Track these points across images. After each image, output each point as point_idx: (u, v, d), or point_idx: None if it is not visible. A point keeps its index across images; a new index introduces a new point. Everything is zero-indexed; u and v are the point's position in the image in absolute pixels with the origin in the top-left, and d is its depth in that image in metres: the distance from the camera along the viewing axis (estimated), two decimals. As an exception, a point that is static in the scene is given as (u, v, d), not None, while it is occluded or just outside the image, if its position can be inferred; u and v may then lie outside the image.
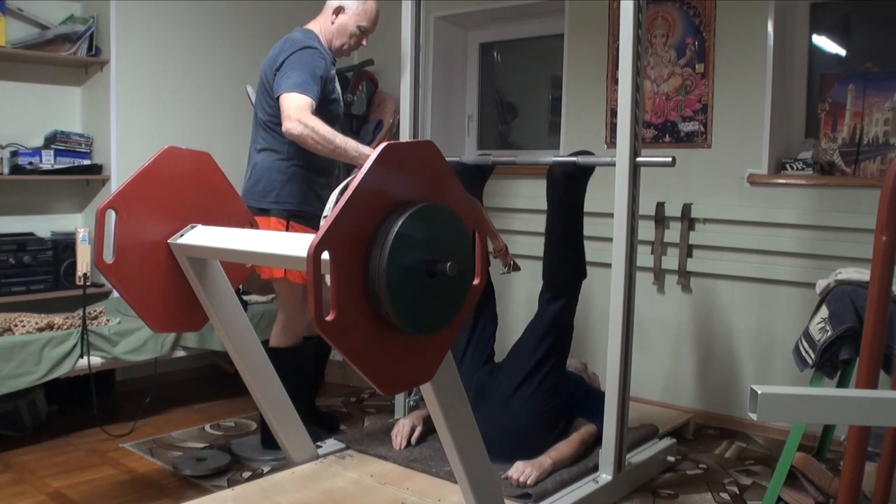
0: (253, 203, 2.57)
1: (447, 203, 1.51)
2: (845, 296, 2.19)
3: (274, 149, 2.61)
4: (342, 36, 2.67)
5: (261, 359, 2.22)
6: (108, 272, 1.86)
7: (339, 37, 2.67)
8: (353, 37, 2.68)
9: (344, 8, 2.65)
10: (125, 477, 2.63)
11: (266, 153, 2.63)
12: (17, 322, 2.83)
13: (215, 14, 3.86)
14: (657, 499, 2.50)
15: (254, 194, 2.61)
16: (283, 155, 2.60)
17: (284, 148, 2.58)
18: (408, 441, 2.60)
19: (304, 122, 2.36)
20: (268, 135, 2.62)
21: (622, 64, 2.27)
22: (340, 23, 2.65)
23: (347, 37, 2.67)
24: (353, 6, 2.65)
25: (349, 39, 2.68)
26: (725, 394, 3.27)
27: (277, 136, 2.55)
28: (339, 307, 1.32)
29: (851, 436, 1.41)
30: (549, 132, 4.06)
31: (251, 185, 2.64)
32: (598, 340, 3.54)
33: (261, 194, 2.60)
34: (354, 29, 2.66)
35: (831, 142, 3.09)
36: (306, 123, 2.36)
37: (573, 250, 2.62)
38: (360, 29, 2.67)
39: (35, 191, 3.49)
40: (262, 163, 2.63)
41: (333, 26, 2.66)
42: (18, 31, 3.33)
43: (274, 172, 2.60)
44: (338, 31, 2.66)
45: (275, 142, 2.60)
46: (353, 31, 2.66)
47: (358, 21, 2.65)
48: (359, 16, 2.65)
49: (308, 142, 2.38)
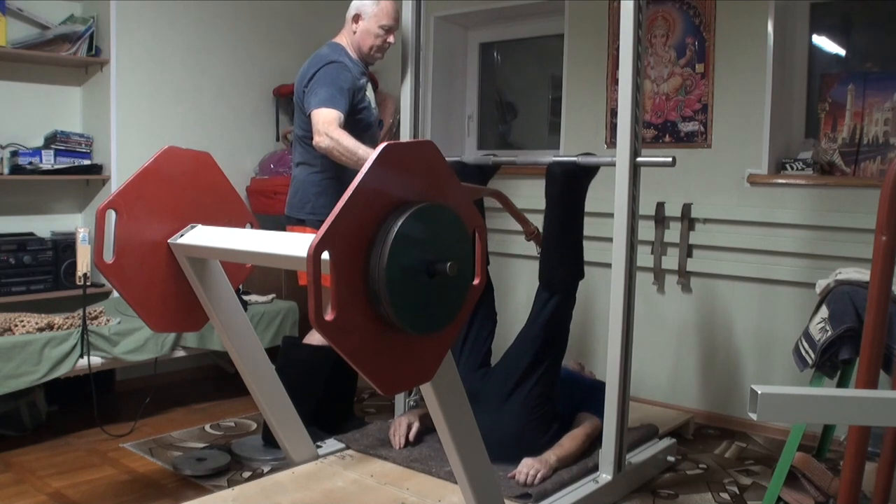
0: (292, 214, 2.75)
1: (447, 203, 1.51)
2: (845, 296, 2.19)
3: (308, 162, 2.72)
4: (368, 40, 2.70)
5: (261, 359, 2.22)
6: (108, 272, 1.86)
7: (365, 42, 2.70)
8: (379, 37, 2.70)
9: (361, 14, 2.69)
10: (125, 477, 2.63)
11: (302, 167, 2.75)
12: (17, 322, 2.83)
13: (215, 14, 3.86)
14: (657, 499, 2.50)
15: (293, 206, 2.76)
16: (317, 168, 2.70)
17: (318, 161, 2.67)
18: (406, 439, 2.61)
19: (330, 135, 2.46)
20: (303, 149, 2.73)
21: (622, 64, 2.27)
22: (362, 29, 2.69)
23: (373, 38, 2.70)
24: (369, 9, 2.68)
25: (375, 41, 2.70)
26: (725, 394, 3.27)
27: (311, 150, 2.64)
28: (339, 307, 1.32)
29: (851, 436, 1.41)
30: (549, 132, 4.06)
31: (290, 197, 2.78)
32: (598, 340, 3.54)
33: (298, 206, 2.74)
34: (377, 30, 2.69)
35: (831, 142, 3.09)
36: (332, 136, 2.46)
37: (570, 250, 2.60)
38: (383, 28, 2.69)
39: (35, 191, 3.49)
40: (299, 176, 2.76)
41: (357, 35, 2.70)
42: (18, 31, 3.33)
43: (308, 185, 2.72)
44: (362, 37, 2.70)
45: (309, 156, 2.70)
46: (376, 33, 2.69)
47: (378, 21, 2.68)
48: (377, 16, 2.68)
49: (334, 154, 2.48)
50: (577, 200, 2.63)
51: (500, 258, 3.76)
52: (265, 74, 4.08)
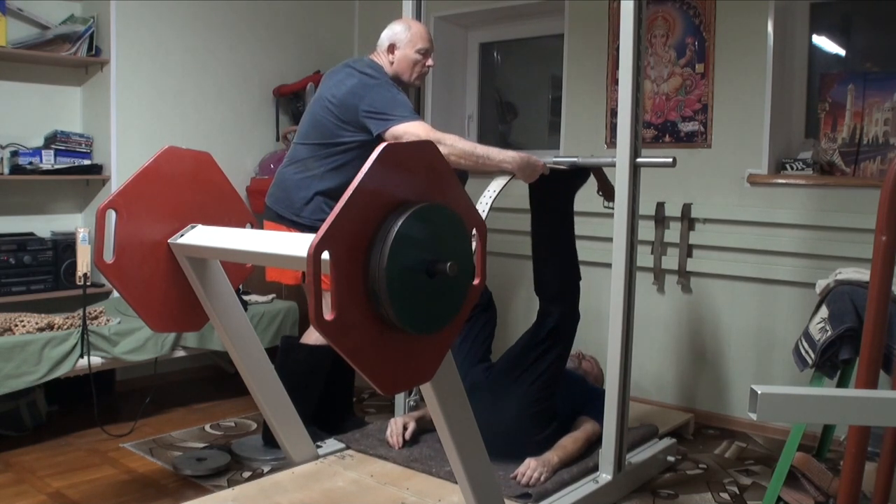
0: (284, 213, 2.64)
1: (447, 203, 1.51)
2: (845, 296, 2.19)
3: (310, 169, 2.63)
4: (408, 68, 2.62)
5: (261, 359, 2.22)
6: (108, 272, 1.86)
7: (405, 71, 2.63)
8: (418, 63, 2.63)
9: (396, 44, 2.61)
10: (125, 477, 2.63)
11: (299, 170, 2.64)
12: (17, 322, 2.83)
13: (215, 14, 3.86)
14: (657, 499, 2.50)
15: (280, 201, 2.66)
16: (314, 174, 2.61)
17: (320, 170, 2.60)
18: (403, 439, 2.61)
19: (443, 141, 2.38)
20: (312, 156, 2.61)
21: (622, 64, 2.27)
22: (400, 58, 2.61)
23: (412, 65, 2.62)
24: (403, 36, 2.61)
25: (416, 68, 2.63)
26: (725, 394, 3.28)
27: (322, 160, 2.57)
28: (339, 307, 1.32)
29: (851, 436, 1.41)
30: (549, 132, 4.06)
31: (279, 192, 2.67)
32: (598, 340, 3.54)
33: (286, 204, 2.64)
34: (415, 55, 2.61)
35: (831, 142, 3.09)
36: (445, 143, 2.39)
37: (561, 258, 2.59)
38: (421, 52, 2.61)
39: (35, 191, 3.49)
40: (294, 177, 2.64)
41: (395, 65, 2.62)
42: (18, 31, 3.33)
43: (301, 189, 2.62)
44: (401, 66, 2.62)
45: (316, 164, 2.61)
46: (415, 59, 2.61)
47: (415, 46, 2.60)
48: (413, 41, 2.60)
49: (450, 159, 2.38)
50: (564, 208, 2.61)
51: (501, 258, 3.76)
52: (265, 74, 4.08)
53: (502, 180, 2.43)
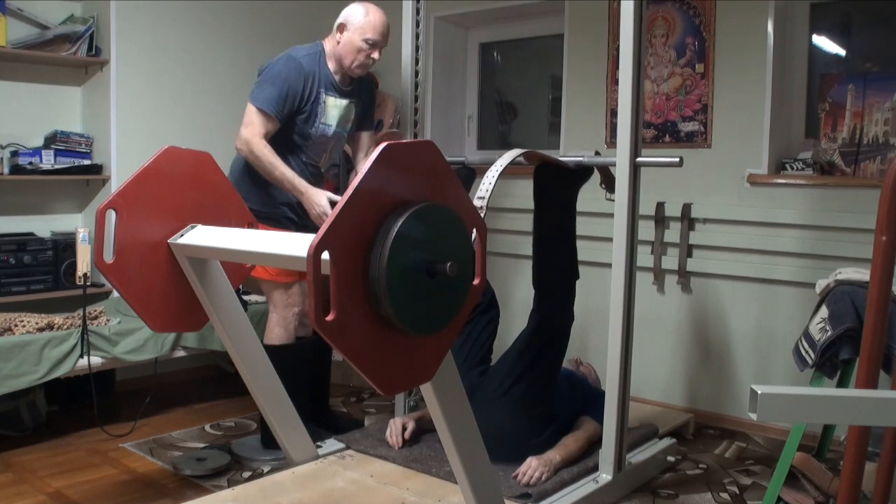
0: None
1: (447, 203, 1.51)
2: (845, 296, 2.19)
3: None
4: (350, 53, 2.56)
5: (261, 359, 2.22)
6: (108, 272, 1.86)
7: (347, 55, 2.57)
8: (362, 52, 2.56)
9: (346, 24, 2.56)
10: (125, 477, 2.63)
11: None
12: (17, 322, 2.83)
13: (215, 14, 3.86)
14: (657, 499, 2.50)
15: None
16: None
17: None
18: (402, 439, 2.60)
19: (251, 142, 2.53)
20: None
21: (622, 64, 2.27)
22: (345, 40, 2.56)
23: (355, 52, 2.56)
24: (356, 21, 2.55)
25: (358, 55, 2.56)
26: (725, 394, 3.27)
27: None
28: (339, 307, 1.32)
29: (851, 436, 1.41)
30: (549, 132, 4.06)
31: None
32: (598, 340, 3.54)
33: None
34: (361, 43, 2.55)
35: (831, 142, 3.09)
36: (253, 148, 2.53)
37: (561, 251, 2.59)
38: (368, 42, 2.55)
39: (35, 191, 3.49)
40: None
41: (340, 46, 2.57)
42: (18, 31, 3.33)
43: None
44: (345, 49, 2.57)
45: None
46: (360, 46, 2.55)
47: (363, 34, 2.54)
48: (363, 28, 2.54)
49: (249, 158, 2.57)
50: (566, 203, 2.61)
51: (501, 258, 3.76)
52: (265, 74, 4.08)
53: (509, 156, 2.38)
